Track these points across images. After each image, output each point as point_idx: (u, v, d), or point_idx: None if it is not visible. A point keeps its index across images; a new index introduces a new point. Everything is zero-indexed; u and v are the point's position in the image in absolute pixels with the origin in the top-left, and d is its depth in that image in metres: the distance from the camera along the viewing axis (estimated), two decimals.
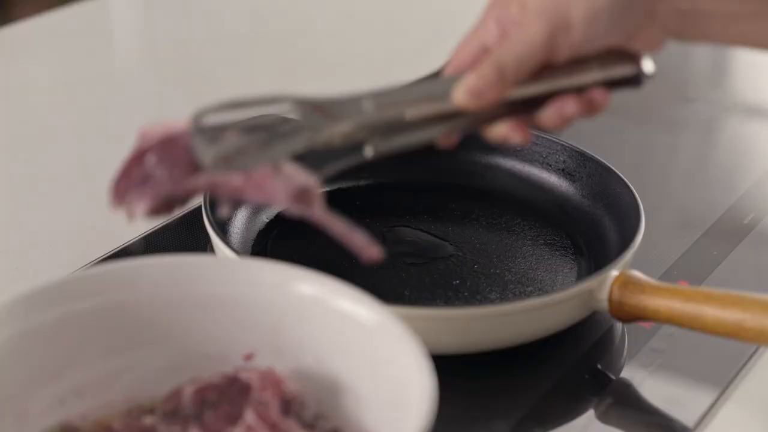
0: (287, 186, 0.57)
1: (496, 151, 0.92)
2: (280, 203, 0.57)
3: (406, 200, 0.89)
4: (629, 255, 0.75)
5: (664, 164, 1.04)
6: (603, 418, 0.70)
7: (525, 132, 0.62)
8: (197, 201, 0.84)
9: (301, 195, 0.57)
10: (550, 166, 0.90)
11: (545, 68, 0.61)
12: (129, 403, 0.61)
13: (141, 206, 0.60)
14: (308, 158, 0.59)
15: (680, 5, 0.58)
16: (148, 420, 0.59)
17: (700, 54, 1.30)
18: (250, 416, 0.57)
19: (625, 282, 0.72)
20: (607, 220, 0.84)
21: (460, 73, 0.61)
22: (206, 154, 0.57)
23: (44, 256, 0.85)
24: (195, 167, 0.59)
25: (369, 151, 0.60)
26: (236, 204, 0.60)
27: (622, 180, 0.84)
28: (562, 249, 0.84)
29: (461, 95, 0.59)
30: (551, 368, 0.73)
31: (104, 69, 1.23)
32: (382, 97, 0.60)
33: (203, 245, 0.83)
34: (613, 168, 0.86)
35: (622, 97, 1.11)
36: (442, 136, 0.62)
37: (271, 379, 0.59)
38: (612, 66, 0.62)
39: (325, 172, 0.60)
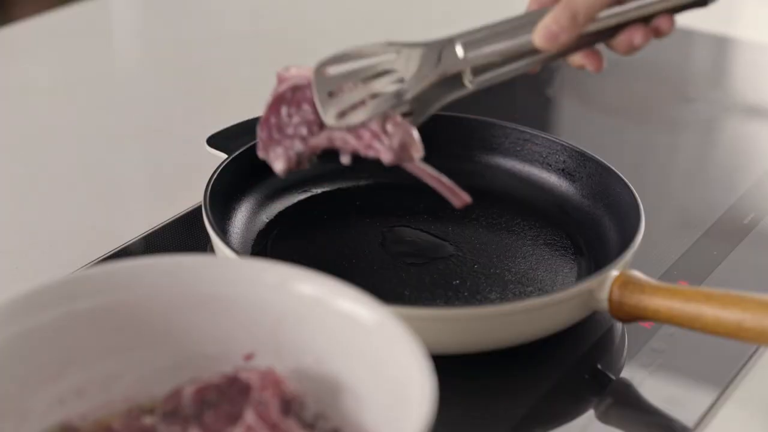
0: (391, 144, 0.69)
1: (496, 151, 0.93)
2: (386, 158, 0.70)
3: (406, 200, 0.89)
4: (629, 255, 0.75)
5: (664, 164, 1.04)
6: (603, 418, 0.70)
7: (599, 61, 0.72)
8: (197, 201, 0.85)
9: (402, 151, 0.69)
10: (550, 166, 0.90)
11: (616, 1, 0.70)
12: (129, 403, 0.61)
13: (278, 166, 0.74)
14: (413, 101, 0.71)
15: None
16: (148, 420, 0.59)
17: (700, 54, 1.30)
18: (250, 416, 0.57)
19: (625, 282, 0.72)
20: (607, 220, 0.84)
21: (542, 7, 0.70)
22: (326, 111, 0.70)
23: (44, 256, 0.85)
24: (319, 122, 0.71)
25: (468, 85, 0.72)
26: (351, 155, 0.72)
27: (622, 180, 0.84)
28: (562, 249, 0.84)
29: (539, 38, 0.68)
30: (551, 368, 0.73)
31: (104, 69, 1.23)
32: (471, 39, 0.70)
33: (203, 245, 0.83)
34: (613, 168, 0.86)
35: (622, 97, 1.11)
36: (526, 69, 0.73)
37: (271, 379, 0.59)
38: None
39: (430, 112, 0.72)
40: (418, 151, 0.71)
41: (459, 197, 0.72)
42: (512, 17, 0.72)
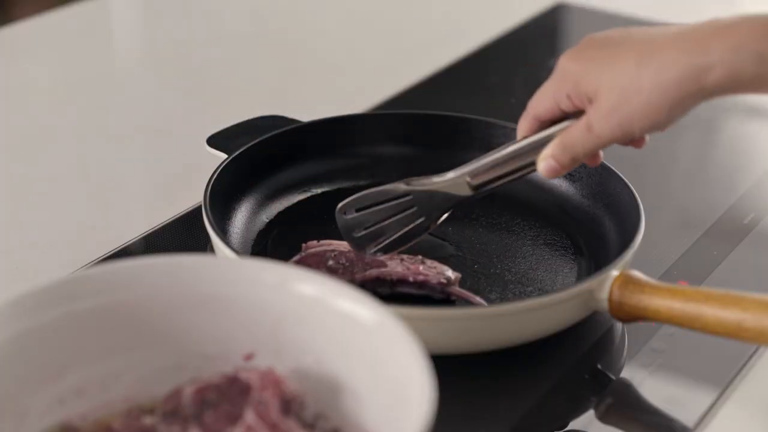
0: (437, 273, 0.78)
1: None
2: (431, 284, 0.78)
3: None
4: (629, 255, 0.75)
5: (664, 164, 1.04)
6: (603, 418, 0.70)
7: (597, 158, 0.77)
8: (197, 201, 0.85)
9: (447, 280, 0.78)
10: None
11: None
12: (129, 403, 0.61)
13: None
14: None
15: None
16: (148, 420, 0.59)
17: None
18: (250, 416, 0.57)
19: (625, 282, 0.72)
20: (607, 220, 0.84)
21: (538, 124, 0.75)
22: (354, 242, 0.78)
23: (44, 256, 0.85)
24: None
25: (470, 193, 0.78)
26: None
27: (622, 180, 0.84)
28: (562, 249, 0.84)
29: (542, 170, 0.74)
30: (551, 368, 0.73)
31: (104, 69, 1.23)
32: (478, 170, 0.77)
33: (203, 245, 0.83)
34: (613, 168, 0.86)
35: None
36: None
37: (271, 379, 0.59)
38: None
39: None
40: (457, 281, 0.79)
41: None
42: (514, 145, 0.76)
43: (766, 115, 1.19)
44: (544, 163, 0.74)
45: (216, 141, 0.89)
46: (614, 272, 0.73)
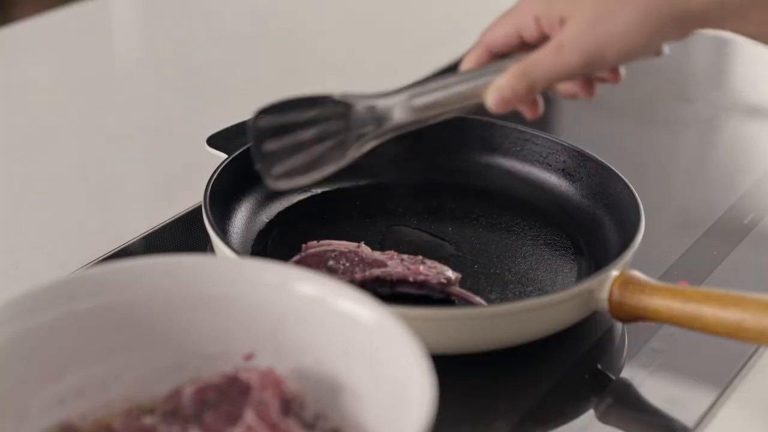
0: (437, 273, 0.77)
1: (496, 151, 0.93)
2: (431, 284, 0.76)
3: (406, 200, 0.89)
4: (629, 255, 0.75)
5: (664, 164, 1.04)
6: (603, 418, 0.70)
7: (591, 89, 0.69)
8: (197, 201, 0.85)
9: (447, 280, 0.77)
10: (550, 166, 0.90)
11: None
12: (129, 403, 0.61)
13: None
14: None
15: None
16: (148, 420, 0.59)
17: (700, 54, 1.30)
18: (250, 416, 0.57)
19: (625, 282, 0.72)
20: (607, 220, 0.84)
21: (490, 55, 0.67)
22: (268, 177, 0.67)
23: (44, 256, 0.85)
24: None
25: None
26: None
27: (622, 180, 0.84)
28: (562, 249, 0.84)
29: (491, 101, 0.65)
30: (551, 368, 0.73)
31: (104, 69, 1.23)
32: (419, 96, 0.68)
33: (203, 245, 0.83)
34: (613, 168, 0.86)
35: (622, 97, 1.11)
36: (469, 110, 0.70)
37: (271, 379, 0.59)
38: None
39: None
40: (457, 281, 0.78)
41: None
42: (464, 73, 0.69)
43: (766, 115, 1.19)
44: (495, 94, 0.65)
45: (216, 141, 0.89)
46: (614, 272, 0.73)
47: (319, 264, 0.78)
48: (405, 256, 0.79)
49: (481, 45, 0.68)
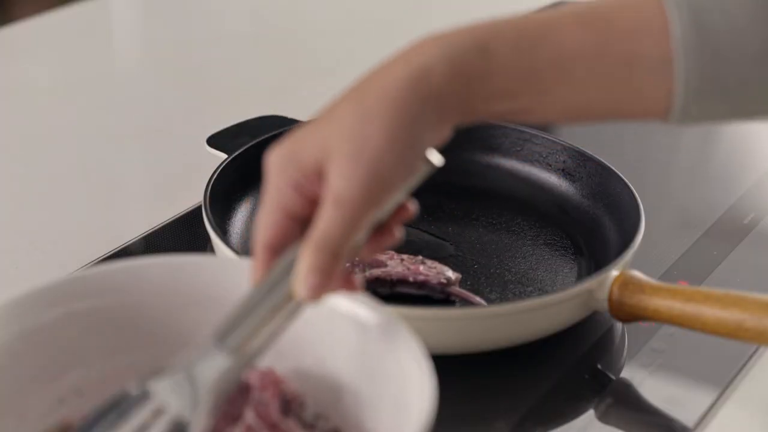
0: (437, 273, 0.77)
1: (496, 151, 0.92)
2: (431, 284, 0.77)
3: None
4: (629, 255, 0.75)
5: (664, 164, 1.04)
6: (603, 418, 0.70)
7: (391, 237, 0.58)
8: (197, 201, 0.85)
9: (447, 280, 0.77)
10: (550, 166, 0.90)
11: None
12: None
13: None
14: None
15: (461, 112, 0.57)
16: None
17: None
18: (250, 416, 0.57)
19: (625, 282, 0.72)
20: (607, 220, 0.84)
21: (275, 254, 0.56)
22: None
23: (44, 256, 0.85)
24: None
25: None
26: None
27: (622, 180, 0.84)
28: (562, 249, 0.84)
29: (304, 293, 0.54)
30: (551, 368, 0.73)
31: (104, 69, 1.23)
32: (231, 339, 0.55)
33: (203, 245, 0.83)
34: (613, 168, 0.86)
35: None
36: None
37: (271, 379, 0.59)
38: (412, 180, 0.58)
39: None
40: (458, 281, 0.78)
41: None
42: (256, 289, 0.56)
43: None
44: (304, 284, 0.54)
45: (216, 141, 0.89)
46: (614, 272, 0.73)
47: None
48: (405, 256, 0.79)
49: (261, 249, 0.56)
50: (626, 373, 0.73)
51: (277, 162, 0.56)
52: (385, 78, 0.57)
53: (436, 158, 0.58)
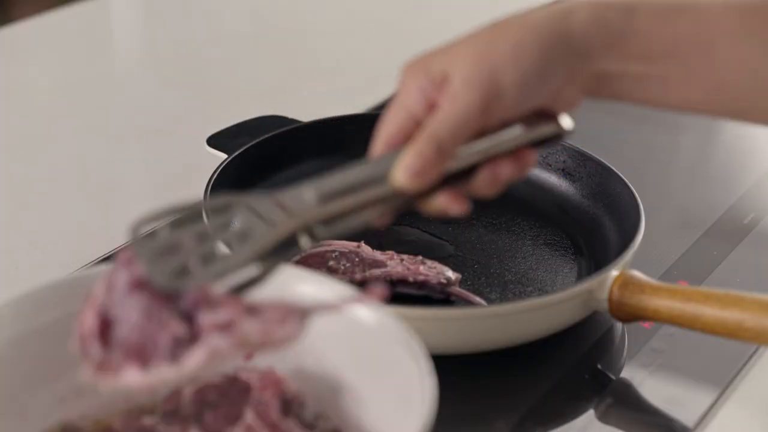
0: (437, 274, 0.77)
1: None
2: (431, 284, 0.77)
3: None
4: (629, 255, 0.75)
5: (664, 164, 1.04)
6: (603, 418, 0.70)
7: (463, 202, 0.60)
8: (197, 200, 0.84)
9: (447, 280, 0.76)
10: (550, 166, 0.90)
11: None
12: (129, 403, 0.61)
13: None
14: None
15: (595, 67, 0.60)
16: (148, 420, 0.59)
17: None
18: (250, 416, 0.57)
19: (625, 282, 0.72)
20: (607, 220, 0.84)
21: (393, 147, 0.59)
22: (158, 275, 0.53)
23: (44, 256, 0.85)
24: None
25: (305, 243, 0.57)
26: None
27: (622, 180, 0.84)
28: (562, 249, 0.84)
29: (402, 178, 0.57)
30: (551, 368, 0.73)
31: (104, 69, 1.23)
32: (323, 188, 0.57)
33: None
34: (613, 168, 0.86)
35: None
36: (378, 217, 0.59)
37: (271, 379, 0.59)
38: (536, 127, 0.61)
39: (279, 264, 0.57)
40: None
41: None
42: (367, 161, 0.59)
43: None
44: (404, 168, 0.57)
45: (216, 141, 0.89)
46: (614, 272, 0.73)
47: (319, 264, 0.78)
48: (405, 256, 0.79)
49: (380, 143, 0.59)
50: (626, 373, 0.73)
51: (409, 68, 0.61)
52: (523, 15, 0.60)
53: (566, 122, 0.62)
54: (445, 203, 0.59)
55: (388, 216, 0.59)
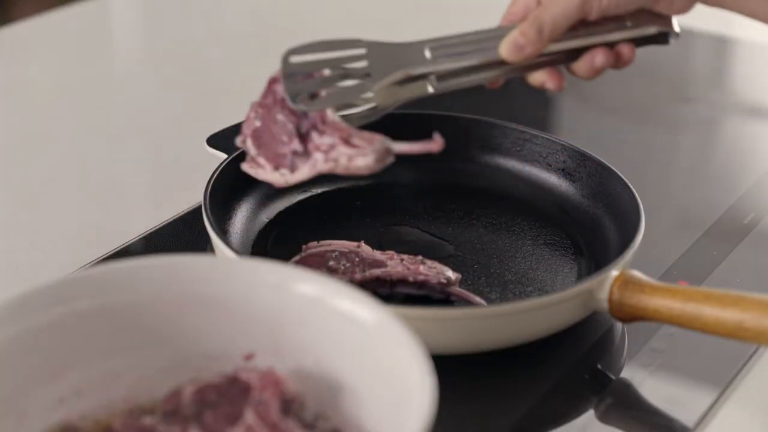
0: (437, 274, 0.77)
1: (496, 151, 0.93)
2: (431, 284, 0.77)
3: (406, 200, 0.89)
4: (629, 255, 0.75)
5: (664, 164, 1.04)
6: (603, 418, 0.70)
7: (560, 79, 0.74)
8: (197, 201, 0.85)
9: (447, 280, 0.77)
10: (550, 166, 0.90)
11: (581, 25, 0.73)
12: (129, 403, 0.61)
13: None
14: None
15: None
16: (148, 420, 0.59)
17: (700, 54, 1.30)
18: (250, 416, 0.57)
19: (625, 282, 0.72)
20: (607, 220, 0.84)
21: (512, 23, 0.73)
22: (293, 93, 0.70)
23: (44, 256, 0.85)
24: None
25: (430, 89, 0.73)
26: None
27: (622, 180, 0.84)
28: (562, 249, 0.84)
29: (505, 49, 0.71)
30: (551, 368, 0.73)
31: (104, 69, 1.23)
32: (439, 45, 0.72)
33: (203, 245, 0.83)
34: (613, 168, 0.86)
35: (622, 97, 1.11)
36: (490, 80, 0.74)
37: (271, 379, 0.59)
38: (643, 25, 0.74)
39: (390, 108, 0.74)
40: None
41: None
42: (482, 29, 0.74)
43: (766, 115, 1.19)
44: (508, 42, 0.72)
45: (216, 141, 0.89)
46: (614, 272, 0.73)
47: (319, 264, 0.78)
48: (405, 256, 0.79)
49: (504, 21, 0.74)
50: (626, 373, 0.73)
51: None
52: None
53: (676, 25, 0.75)
54: (544, 78, 0.74)
55: (499, 81, 0.75)
